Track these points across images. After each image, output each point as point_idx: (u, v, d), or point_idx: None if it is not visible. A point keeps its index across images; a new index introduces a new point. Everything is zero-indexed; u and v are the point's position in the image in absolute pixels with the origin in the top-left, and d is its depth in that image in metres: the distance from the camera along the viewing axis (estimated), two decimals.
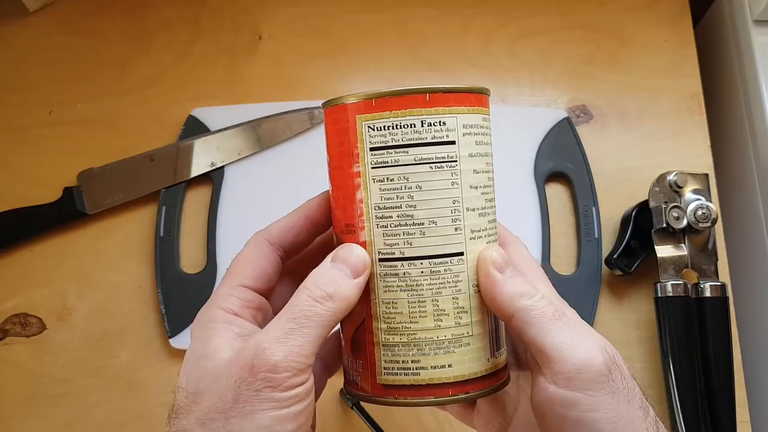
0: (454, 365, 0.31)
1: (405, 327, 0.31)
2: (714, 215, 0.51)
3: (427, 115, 0.30)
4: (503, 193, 0.56)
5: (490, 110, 0.33)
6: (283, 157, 0.57)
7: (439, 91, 0.31)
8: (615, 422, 0.28)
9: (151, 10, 0.62)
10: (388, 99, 0.30)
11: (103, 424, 0.51)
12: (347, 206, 0.32)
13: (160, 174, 0.56)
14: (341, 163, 0.32)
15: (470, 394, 0.32)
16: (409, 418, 0.51)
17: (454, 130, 0.31)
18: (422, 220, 0.31)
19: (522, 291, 0.30)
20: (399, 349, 0.31)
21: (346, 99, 0.31)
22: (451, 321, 0.31)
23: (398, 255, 0.31)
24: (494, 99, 0.60)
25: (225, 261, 0.54)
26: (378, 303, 0.31)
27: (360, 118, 0.31)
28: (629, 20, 0.62)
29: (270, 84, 0.60)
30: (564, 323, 0.30)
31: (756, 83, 0.58)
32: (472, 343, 0.32)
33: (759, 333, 0.56)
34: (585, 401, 0.28)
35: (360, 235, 0.31)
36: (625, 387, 0.29)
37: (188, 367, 0.31)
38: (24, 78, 0.60)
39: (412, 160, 0.30)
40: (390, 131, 0.30)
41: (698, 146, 0.59)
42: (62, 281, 0.55)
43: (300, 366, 0.28)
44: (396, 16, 0.62)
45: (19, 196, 0.55)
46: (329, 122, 0.33)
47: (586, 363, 0.29)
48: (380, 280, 0.31)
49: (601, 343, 0.30)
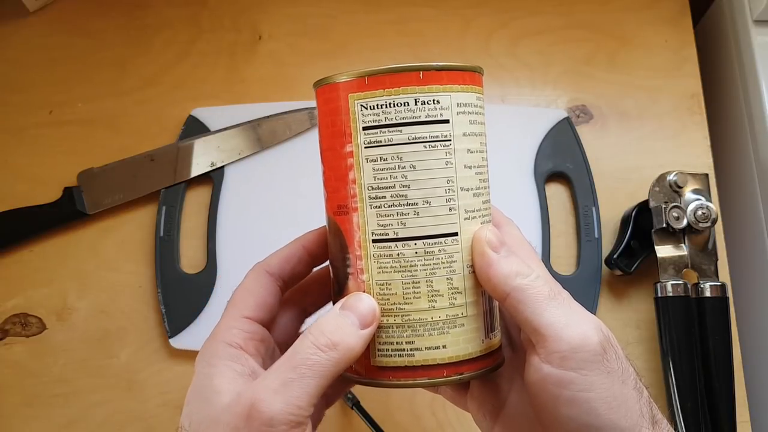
0: (448, 346, 0.31)
1: (399, 308, 0.31)
2: (714, 215, 0.51)
3: (421, 93, 0.30)
4: (503, 193, 0.56)
5: (483, 89, 0.33)
6: (283, 157, 0.57)
7: (433, 69, 0.30)
8: (609, 402, 0.28)
9: (151, 10, 0.62)
10: (380, 77, 0.30)
11: (103, 424, 0.51)
12: (340, 187, 0.32)
13: (160, 174, 0.56)
14: (333, 143, 0.32)
15: (464, 375, 0.32)
16: (409, 417, 0.51)
17: (447, 109, 0.31)
18: (416, 200, 0.30)
19: (517, 270, 0.30)
20: (393, 330, 0.31)
21: (337, 77, 0.31)
22: (445, 302, 0.31)
23: (392, 236, 0.31)
24: (494, 99, 0.60)
25: (225, 261, 0.54)
26: (372, 284, 0.31)
27: (352, 97, 0.30)
28: (629, 20, 0.62)
29: (270, 84, 0.60)
30: (559, 302, 0.30)
31: (756, 83, 0.58)
32: (466, 324, 0.31)
33: (759, 333, 0.56)
34: (579, 381, 0.28)
35: (353, 216, 0.31)
36: (620, 367, 0.29)
37: (190, 408, 0.30)
38: (24, 78, 0.60)
39: (406, 139, 0.30)
40: (383, 110, 0.30)
41: (698, 146, 0.59)
42: (62, 281, 0.55)
43: (297, 419, 0.28)
44: (396, 16, 0.62)
45: (19, 196, 0.55)
46: (321, 102, 0.32)
47: (581, 342, 0.29)
48: (374, 261, 0.31)
49: (596, 323, 0.30)
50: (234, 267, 0.54)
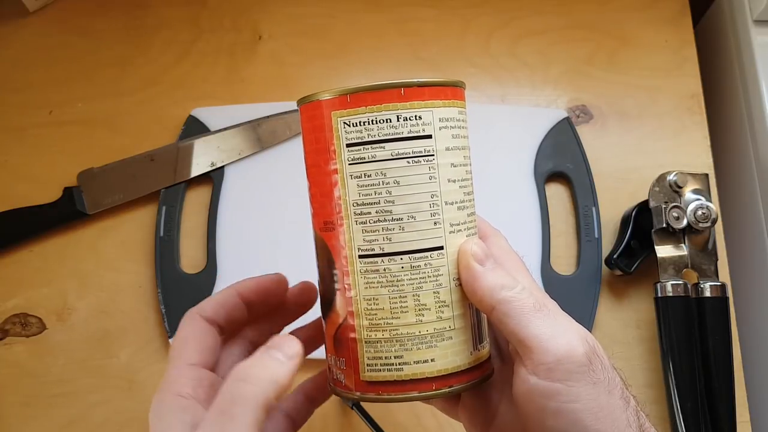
0: (436, 359, 0.31)
1: (387, 323, 0.31)
2: (714, 215, 0.51)
3: (403, 109, 0.30)
4: (503, 193, 0.56)
5: (465, 103, 0.33)
6: (283, 157, 0.57)
7: (414, 85, 0.30)
8: (596, 413, 0.28)
9: (150, 10, 0.62)
10: (362, 94, 0.30)
11: (103, 424, 0.51)
12: (325, 203, 0.32)
13: (160, 174, 0.56)
14: (318, 160, 0.32)
15: (454, 387, 0.32)
16: (409, 417, 0.51)
17: (430, 124, 0.31)
18: (401, 215, 0.31)
19: (502, 283, 0.30)
20: (381, 345, 0.31)
21: (320, 95, 0.31)
22: (432, 315, 0.31)
23: (378, 251, 0.31)
24: (494, 99, 0.60)
25: (225, 261, 0.54)
26: (359, 300, 0.31)
27: (335, 114, 0.31)
28: (629, 20, 0.62)
29: (270, 84, 0.60)
30: (544, 314, 0.30)
31: (756, 83, 0.58)
32: (454, 337, 0.32)
33: (759, 333, 0.56)
34: (565, 392, 0.29)
35: (339, 232, 0.31)
36: (606, 377, 0.29)
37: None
38: (24, 78, 0.60)
39: (389, 155, 0.30)
40: (366, 127, 0.30)
41: (698, 146, 0.58)
42: (62, 281, 0.55)
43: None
44: (396, 16, 0.62)
45: (19, 196, 0.55)
46: (305, 119, 0.32)
47: (567, 354, 0.29)
48: (361, 276, 0.31)
49: (582, 333, 0.30)
50: (234, 267, 0.54)
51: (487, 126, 0.58)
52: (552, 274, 0.54)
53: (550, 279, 0.54)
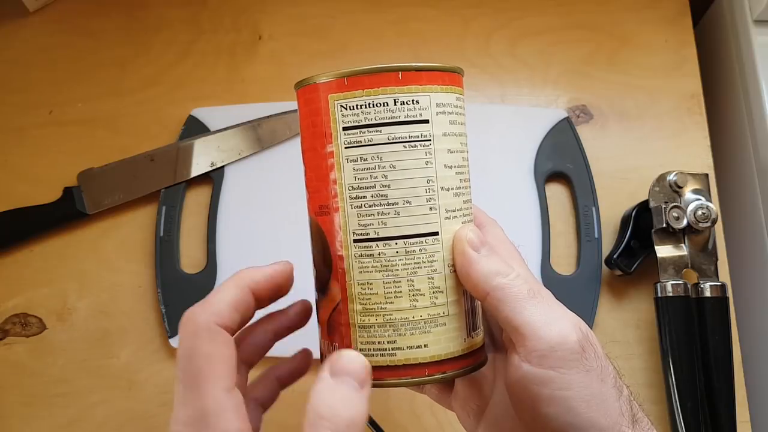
0: (430, 345, 0.31)
1: (380, 308, 0.31)
2: (714, 215, 0.51)
3: (400, 93, 0.30)
4: (503, 193, 0.56)
5: (464, 90, 0.33)
6: (283, 157, 0.57)
7: (412, 69, 0.30)
8: (588, 400, 0.28)
9: (151, 10, 0.62)
10: (360, 77, 0.30)
11: (103, 424, 0.51)
12: (321, 187, 0.32)
13: (160, 174, 0.56)
14: (314, 143, 0.32)
15: (447, 374, 0.32)
16: (409, 417, 0.51)
17: (427, 109, 0.31)
18: (396, 199, 0.30)
19: (497, 269, 0.30)
20: (375, 330, 0.31)
21: (317, 78, 0.31)
22: (426, 301, 0.31)
23: (373, 235, 0.31)
24: (494, 99, 0.60)
25: (225, 261, 0.54)
26: (353, 284, 0.31)
27: (332, 98, 0.31)
28: (629, 20, 0.62)
29: (270, 84, 0.60)
30: (538, 302, 0.30)
31: (756, 83, 0.58)
32: (448, 323, 0.31)
33: (759, 333, 0.56)
34: (558, 379, 0.28)
35: (334, 216, 0.31)
36: (599, 365, 0.29)
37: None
38: (24, 78, 0.60)
39: (386, 139, 0.30)
40: (363, 110, 0.30)
41: (698, 146, 0.59)
42: (62, 281, 0.55)
43: None
44: (396, 16, 0.62)
45: (19, 196, 0.55)
46: (302, 103, 0.32)
47: (560, 341, 0.29)
48: (355, 261, 0.31)
49: (575, 321, 0.30)
50: (234, 267, 0.53)
51: (487, 126, 0.58)
52: (552, 274, 0.54)
53: (550, 279, 0.54)
